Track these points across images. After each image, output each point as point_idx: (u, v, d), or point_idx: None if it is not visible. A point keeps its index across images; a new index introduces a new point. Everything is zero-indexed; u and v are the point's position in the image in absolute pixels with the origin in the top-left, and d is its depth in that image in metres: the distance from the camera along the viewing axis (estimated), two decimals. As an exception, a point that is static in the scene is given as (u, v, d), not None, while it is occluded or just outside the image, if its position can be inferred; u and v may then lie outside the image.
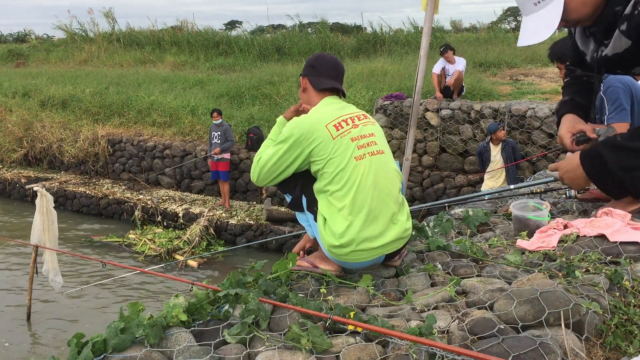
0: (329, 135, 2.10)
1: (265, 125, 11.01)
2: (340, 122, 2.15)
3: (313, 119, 2.14)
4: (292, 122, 2.16)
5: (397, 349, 1.59)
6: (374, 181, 2.11)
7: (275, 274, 2.19)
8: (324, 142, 2.09)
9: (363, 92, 11.29)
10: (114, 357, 1.59)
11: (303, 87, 2.34)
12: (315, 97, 2.31)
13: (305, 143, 2.10)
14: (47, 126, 12.85)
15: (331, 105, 2.26)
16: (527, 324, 1.68)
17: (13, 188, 12.16)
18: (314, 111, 2.22)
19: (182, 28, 21.07)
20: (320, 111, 2.20)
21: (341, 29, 21.00)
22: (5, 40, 29.85)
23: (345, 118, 2.18)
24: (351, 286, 2.16)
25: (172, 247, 8.78)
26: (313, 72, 2.31)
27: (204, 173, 10.80)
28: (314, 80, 2.31)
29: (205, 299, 1.92)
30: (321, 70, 2.32)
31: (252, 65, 16.77)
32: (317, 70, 2.32)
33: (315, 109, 2.24)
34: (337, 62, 2.37)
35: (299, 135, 2.10)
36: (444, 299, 1.99)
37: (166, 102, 12.63)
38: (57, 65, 19.61)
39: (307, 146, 2.10)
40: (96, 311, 6.62)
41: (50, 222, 5.94)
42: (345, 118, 2.18)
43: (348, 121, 2.18)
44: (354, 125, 2.17)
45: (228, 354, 1.63)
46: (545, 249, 2.57)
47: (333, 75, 2.34)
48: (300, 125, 2.12)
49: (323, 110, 2.21)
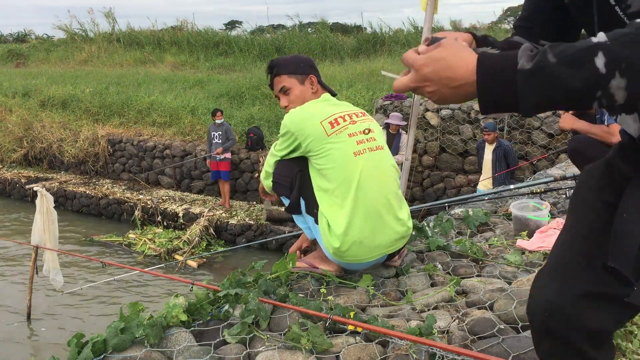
0: (323, 132, 2.10)
1: (265, 125, 11.01)
2: (337, 119, 2.16)
3: (308, 115, 2.15)
4: (288, 116, 2.18)
5: (397, 349, 1.59)
6: (374, 176, 2.12)
7: (275, 274, 2.19)
8: (316, 139, 2.10)
9: (363, 92, 11.29)
10: (114, 357, 1.59)
11: (314, 86, 2.32)
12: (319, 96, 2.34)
13: (300, 136, 2.12)
14: (47, 126, 12.85)
15: (328, 101, 2.29)
16: (526, 324, 1.68)
17: (13, 188, 12.16)
18: (310, 105, 2.23)
19: (182, 28, 21.07)
20: (317, 107, 2.21)
21: (341, 29, 21.00)
22: (5, 40, 29.83)
23: (343, 115, 2.19)
24: (351, 286, 2.16)
25: (172, 247, 8.78)
26: (318, 73, 2.36)
27: (204, 173, 10.79)
28: (321, 81, 2.36)
29: (205, 299, 1.92)
30: (317, 71, 2.38)
31: (252, 65, 16.77)
32: (316, 70, 2.36)
33: (311, 102, 2.25)
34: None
35: (293, 128, 2.13)
36: (444, 299, 1.99)
37: (166, 102, 12.63)
38: (57, 65, 19.60)
39: (303, 140, 2.12)
40: (96, 311, 6.62)
41: (50, 222, 5.94)
42: (342, 115, 2.19)
43: (345, 117, 2.18)
44: (351, 121, 2.18)
45: (228, 354, 1.63)
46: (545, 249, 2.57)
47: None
48: (293, 120, 2.15)
49: (320, 106, 2.23)
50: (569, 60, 0.78)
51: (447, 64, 0.88)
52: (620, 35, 0.77)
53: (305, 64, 2.34)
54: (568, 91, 0.79)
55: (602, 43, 0.77)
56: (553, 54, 0.80)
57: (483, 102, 0.86)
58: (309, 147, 2.11)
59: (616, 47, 0.76)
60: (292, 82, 2.29)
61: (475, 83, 0.85)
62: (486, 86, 0.84)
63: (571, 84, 0.78)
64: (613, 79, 0.75)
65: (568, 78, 0.78)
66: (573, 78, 0.78)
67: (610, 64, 0.75)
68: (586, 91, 0.78)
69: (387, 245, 2.15)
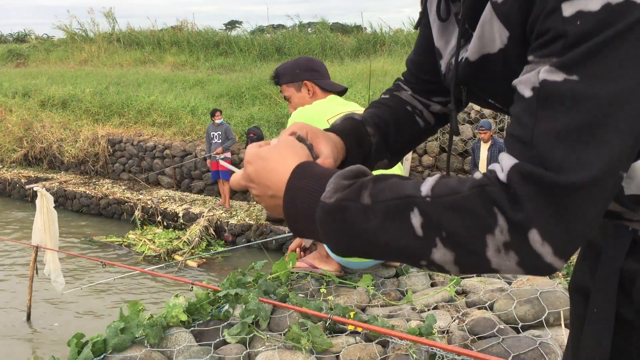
0: None
1: (265, 125, 11.01)
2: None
3: (316, 111, 2.18)
4: (296, 113, 2.21)
5: (397, 349, 1.59)
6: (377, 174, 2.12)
7: (275, 274, 2.19)
8: None
9: (363, 92, 11.28)
10: (114, 357, 1.59)
11: (310, 91, 2.33)
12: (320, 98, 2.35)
13: None
14: (47, 126, 12.85)
15: (335, 100, 2.31)
16: (527, 324, 1.69)
17: (13, 188, 12.15)
18: (318, 103, 2.25)
19: (182, 28, 21.05)
20: (324, 105, 2.24)
21: (341, 29, 21.00)
22: (5, 40, 29.83)
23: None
24: (351, 286, 2.16)
25: (172, 248, 8.78)
26: (315, 75, 2.35)
27: (204, 173, 10.79)
28: (321, 82, 2.35)
29: (205, 299, 1.92)
30: (322, 72, 2.37)
31: (252, 65, 16.76)
32: (319, 72, 2.36)
33: (319, 101, 2.27)
34: (321, 61, 2.47)
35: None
36: (444, 299, 1.99)
37: (166, 102, 12.62)
38: (57, 65, 19.59)
39: None
40: (96, 311, 6.62)
41: (50, 222, 5.94)
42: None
43: None
44: None
45: (228, 354, 1.63)
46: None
47: (328, 75, 2.42)
48: (301, 116, 2.16)
49: (327, 104, 2.25)
50: (382, 208, 0.59)
51: (268, 166, 0.71)
52: (445, 192, 0.57)
53: (302, 70, 2.34)
54: (379, 246, 0.60)
55: (419, 198, 0.58)
56: (370, 192, 0.61)
57: (288, 225, 0.69)
58: None
59: (433, 210, 0.57)
60: (290, 90, 2.35)
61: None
62: (289, 210, 0.67)
63: (381, 239, 0.60)
64: (434, 248, 0.57)
65: (376, 231, 0.59)
66: (382, 232, 0.59)
67: (427, 227, 0.57)
68: (404, 252, 0.60)
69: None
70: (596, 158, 0.52)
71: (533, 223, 0.52)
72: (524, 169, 0.54)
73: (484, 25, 0.69)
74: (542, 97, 0.56)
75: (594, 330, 0.74)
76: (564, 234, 0.53)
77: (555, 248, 0.53)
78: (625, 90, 0.53)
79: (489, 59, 0.71)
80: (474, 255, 0.56)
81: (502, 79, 0.69)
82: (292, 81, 2.33)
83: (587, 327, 0.75)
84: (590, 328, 0.74)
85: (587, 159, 0.52)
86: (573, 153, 0.52)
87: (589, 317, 0.75)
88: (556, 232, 0.53)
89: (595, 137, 0.53)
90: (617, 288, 0.71)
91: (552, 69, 0.56)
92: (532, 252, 0.53)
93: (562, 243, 0.53)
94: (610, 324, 0.71)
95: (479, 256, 0.56)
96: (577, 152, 0.52)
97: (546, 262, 0.54)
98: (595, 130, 0.53)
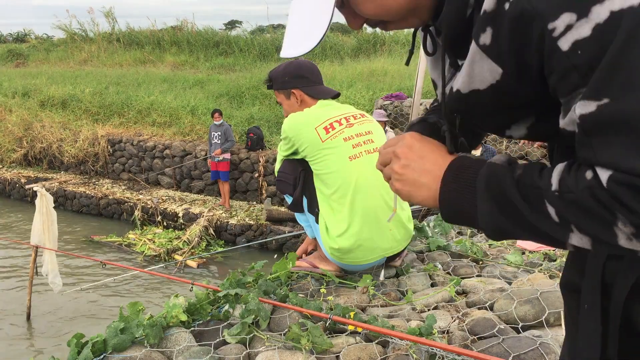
0: (318, 139, 2.11)
1: (265, 125, 11.01)
2: (332, 124, 2.16)
3: (303, 121, 2.17)
4: (287, 121, 2.21)
5: (397, 349, 1.59)
6: (372, 179, 2.11)
7: (275, 274, 2.19)
8: (312, 145, 2.12)
9: (363, 92, 11.28)
10: (114, 357, 1.59)
11: (297, 99, 2.28)
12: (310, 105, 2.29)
13: (297, 142, 2.16)
14: (47, 126, 12.84)
15: (325, 107, 2.25)
16: (527, 324, 1.69)
17: (13, 188, 12.15)
18: (306, 112, 2.22)
19: (182, 28, 21.04)
20: (312, 113, 2.20)
21: (341, 29, 20.98)
22: (5, 40, 29.81)
23: (339, 118, 2.19)
24: (351, 286, 2.16)
25: (172, 248, 8.78)
26: (303, 82, 2.28)
27: (204, 173, 10.79)
28: (309, 90, 2.28)
29: (205, 299, 1.92)
30: (311, 78, 2.29)
31: (252, 65, 16.76)
32: (307, 79, 2.28)
33: (308, 110, 2.24)
34: (314, 64, 2.39)
35: (290, 134, 2.17)
36: (444, 299, 1.99)
37: (166, 102, 12.62)
38: (57, 65, 19.59)
39: (299, 146, 2.16)
40: (96, 311, 6.61)
41: (50, 223, 5.93)
42: (338, 118, 2.18)
43: (342, 121, 2.18)
44: (348, 124, 2.18)
45: (228, 354, 1.63)
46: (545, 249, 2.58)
47: (320, 80, 2.34)
48: (290, 125, 2.18)
49: (316, 112, 2.21)
50: (530, 193, 0.67)
51: (426, 147, 0.82)
52: (565, 189, 0.64)
53: (290, 77, 2.28)
54: (529, 226, 0.68)
55: (550, 191, 0.65)
56: (519, 174, 0.69)
57: (442, 193, 0.77)
58: (305, 152, 2.15)
59: (560, 203, 0.64)
60: (281, 97, 2.33)
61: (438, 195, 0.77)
62: (448, 179, 0.76)
63: (530, 219, 0.67)
64: (572, 233, 0.64)
65: (527, 211, 0.68)
66: (531, 214, 0.67)
67: (559, 217, 0.65)
68: (547, 236, 0.68)
69: (386, 248, 2.16)
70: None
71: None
72: (618, 178, 0.58)
73: (473, 65, 0.73)
74: (588, 130, 0.60)
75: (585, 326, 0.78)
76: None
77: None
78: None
79: (478, 94, 0.75)
80: (607, 244, 0.63)
81: (491, 108, 0.76)
82: (282, 88, 2.30)
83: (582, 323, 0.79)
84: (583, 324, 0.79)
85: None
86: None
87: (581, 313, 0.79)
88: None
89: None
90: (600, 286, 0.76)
91: (583, 102, 0.60)
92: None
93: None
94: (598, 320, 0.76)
95: (613, 244, 0.62)
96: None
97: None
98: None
